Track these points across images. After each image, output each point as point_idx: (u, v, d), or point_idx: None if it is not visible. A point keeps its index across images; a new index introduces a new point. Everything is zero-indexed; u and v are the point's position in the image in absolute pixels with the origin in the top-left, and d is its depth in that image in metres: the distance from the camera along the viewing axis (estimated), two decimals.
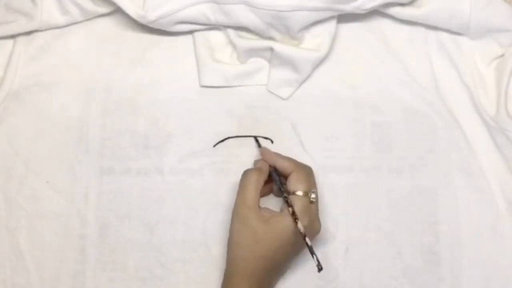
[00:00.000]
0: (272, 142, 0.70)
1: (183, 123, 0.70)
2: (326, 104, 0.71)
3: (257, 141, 0.69)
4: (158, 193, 0.69)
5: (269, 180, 0.65)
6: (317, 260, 0.58)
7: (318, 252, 0.67)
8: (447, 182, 0.69)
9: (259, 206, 0.61)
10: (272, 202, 0.67)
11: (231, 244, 0.61)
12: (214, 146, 0.69)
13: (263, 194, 0.66)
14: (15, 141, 0.70)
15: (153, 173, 0.69)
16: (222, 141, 0.69)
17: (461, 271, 0.67)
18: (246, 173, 0.63)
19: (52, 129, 0.70)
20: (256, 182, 0.61)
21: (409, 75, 0.71)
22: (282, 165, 0.63)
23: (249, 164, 0.68)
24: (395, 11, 0.69)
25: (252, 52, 0.70)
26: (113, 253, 0.68)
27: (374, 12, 0.70)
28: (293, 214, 0.59)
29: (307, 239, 0.58)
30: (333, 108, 0.70)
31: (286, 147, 0.69)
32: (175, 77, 0.71)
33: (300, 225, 0.59)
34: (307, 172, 0.63)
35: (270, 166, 0.65)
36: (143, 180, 0.69)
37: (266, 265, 0.60)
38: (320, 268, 0.58)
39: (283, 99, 0.70)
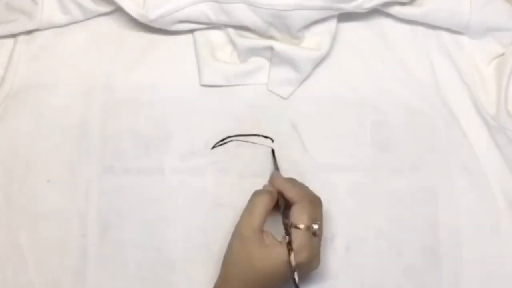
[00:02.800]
0: (272, 141, 0.70)
1: (184, 122, 0.70)
2: (327, 103, 0.71)
3: (274, 156, 0.68)
4: (158, 193, 0.69)
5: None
6: None
7: None
8: (448, 181, 0.69)
9: (263, 231, 0.59)
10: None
11: (228, 260, 0.60)
12: (215, 145, 0.69)
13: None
14: (15, 140, 0.70)
15: (153, 172, 0.69)
16: (222, 140, 0.69)
17: (461, 270, 0.67)
18: (258, 195, 0.61)
19: (53, 128, 0.70)
20: (266, 206, 0.60)
21: (409, 74, 0.71)
22: (288, 195, 0.61)
23: (249, 164, 0.68)
24: (396, 10, 0.69)
25: (253, 51, 0.70)
26: (113, 253, 0.68)
27: (374, 11, 0.70)
28: (289, 245, 0.58)
29: (296, 275, 0.57)
30: (334, 107, 0.70)
31: (286, 146, 0.69)
32: (176, 76, 0.71)
33: (292, 259, 0.57)
34: (313, 203, 0.61)
35: (279, 192, 0.63)
36: (143, 179, 0.69)
37: None
38: None
39: (283, 98, 0.71)
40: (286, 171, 0.66)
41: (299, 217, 0.59)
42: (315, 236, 0.59)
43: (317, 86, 0.71)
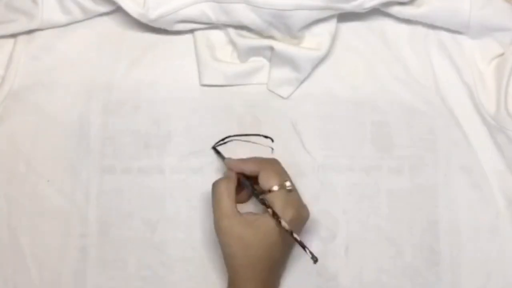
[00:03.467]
0: (272, 141, 0.70)
1: (184, 122, 0.70)
2: (326, 103, 0.71)
3: (218, 152, 0.69)
4: (158, 192, 0.69)
5: (244, 187, 0.65)
6: (310, 252, 0.57)
7: (318, 251, 0.67)
8: (447, 181, 0.69)
9: (238, 212, 0.60)
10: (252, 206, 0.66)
11: (225, 257, 0.61)
12: (215, 145, 0.69)
13: (242, 201, 0.66)
14: (16, 140, 0.70)
15: (153, 172, 0.69)
16: (222, 140, 0.70)
17: (460, 269, 0.68)
18: (214, 185, 0.62)
19: (53, 128, 0.70)
20: (226, 190, 0.61)
21: (409, 74, 0.71)
22: (249, 169, 0.63)
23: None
24: (395, 10, 0.69)
25: (253, 51, 0.70)
26: (113, 252, 0.68)
27: (374, 11, 0.70)
28: (274, 214, 0.59)
29: (295, 235, 0.58)
30: (333, 107, 0.70)
31: (286, 146, 0.70)
32: (176, 76, 0.71)
33: (284, 224, 0.58)
34: (274, 165, 0.63)
35: (238, 174, 0.64)
36: (143, 179, 0.69)
37: (264, 265, 0.60)
38: (315, 260, 0.57)
39: (283, 98, 0.71)
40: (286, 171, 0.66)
41: (269, 181, 0.61)
42: (291, 192, 0.61)
43: (317, 86, 0.71)
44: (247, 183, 0.63)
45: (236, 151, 0.69)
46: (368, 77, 0.71)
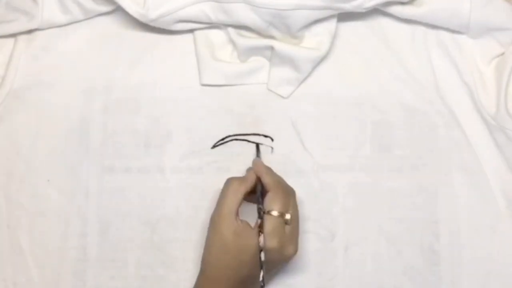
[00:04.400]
0: (272, 140, 0.70)
1: (184, 121, 0.70)
2: (326, 103, 0.71)
3: (257, 148, 0.68)
4: (158, 192, 0.69)
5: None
6: (263, 277, 0.57)
7: (318, 251, 0.67)
8: (447, 181, 0.69)
9: (236, 216, 0.60)
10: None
11: (205, 248, 0.61)
12: (215, 145, 0.69)
13: (254, 201, 0.64)
14: (16, 140, 0.70)
15: (153, 171, 0.69)
16: (222, 139, 0.70)
17: (461, 269, 0.67)
18: (227, 181, 0.62)
19: (53, 128, 0.70)
20: (235, 191, 0.60)
21: (409, 74, 0.71)
22: (264, 181, 0.62)
23: (249, 163, 0.68)
24: (396, 10, 0.69)
25: (253, 50, 0.70)
26: (113, 252, 0.68)
27: (374, 11, 0.70)
28: (260, 228, 0.58)
29: (262, 255, 0.57)
30: (333, 107, 0.70)
31: (286, 145, 0.70)
32: (176, 75, 0.71)
33: (261, 239, 0.58)
34: (286, 193, 0.61)
35: (257, 178, 0.63)
36: (144, 178, 0.69)
37: (232, 275, 0.59)
38: (262, 286, 0.57)
39: (283, 97, 0.71)
40: (286, 171, 0.66)
41: (273, 203, 0.60)
42: (287, 225, 0.60)
43: (317, 85, 0.71)
44: (259, 192, 0.62)
45: (236, 151, 0.69)
46: (368, 77, 0.71)
